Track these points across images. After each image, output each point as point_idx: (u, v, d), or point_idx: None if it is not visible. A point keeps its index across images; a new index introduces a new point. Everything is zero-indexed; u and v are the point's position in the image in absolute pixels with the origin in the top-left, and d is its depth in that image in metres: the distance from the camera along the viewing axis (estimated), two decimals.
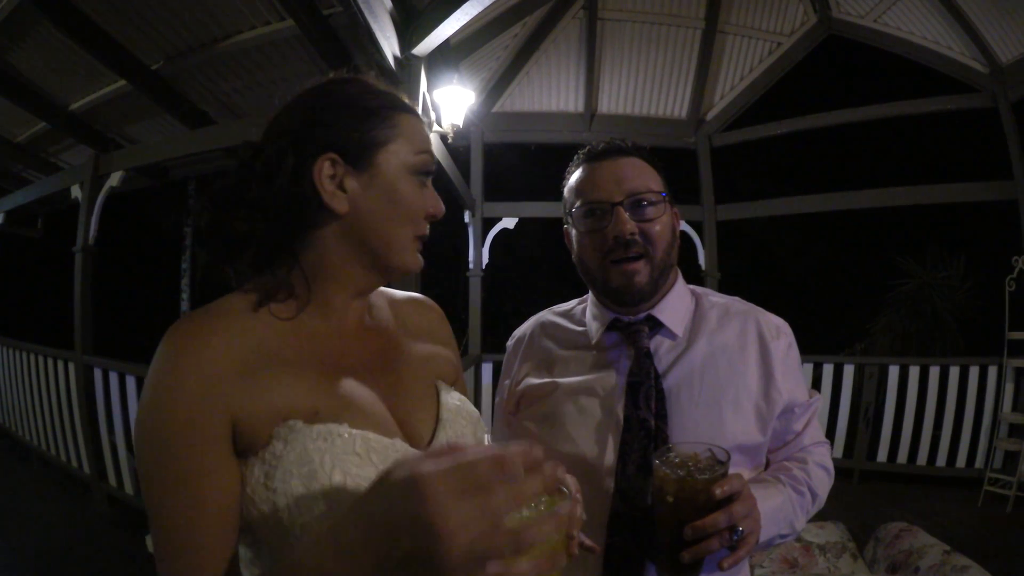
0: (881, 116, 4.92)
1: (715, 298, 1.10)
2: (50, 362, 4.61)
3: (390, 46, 3.15)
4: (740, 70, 5.22)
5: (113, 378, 3.94)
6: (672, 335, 1.02)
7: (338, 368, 0.69)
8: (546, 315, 1.19)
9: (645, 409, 0.94)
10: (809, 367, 4.60)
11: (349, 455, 0.61)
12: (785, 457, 1.03)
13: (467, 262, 5.41)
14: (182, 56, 4.02)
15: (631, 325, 1.03)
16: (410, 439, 0.71)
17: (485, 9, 4.19)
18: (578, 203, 1.02)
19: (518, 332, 1.20)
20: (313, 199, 0.67)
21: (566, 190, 1.07)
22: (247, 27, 3.74)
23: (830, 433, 4.48)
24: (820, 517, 2.24)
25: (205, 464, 0.58)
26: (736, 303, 1.09)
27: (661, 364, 1.00)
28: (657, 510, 0.78)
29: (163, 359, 0.60)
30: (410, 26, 3.24)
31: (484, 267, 5.40)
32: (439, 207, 0.75)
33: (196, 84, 4.36)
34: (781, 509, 0.91)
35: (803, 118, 5.18)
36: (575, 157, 1.08)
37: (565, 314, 1.16)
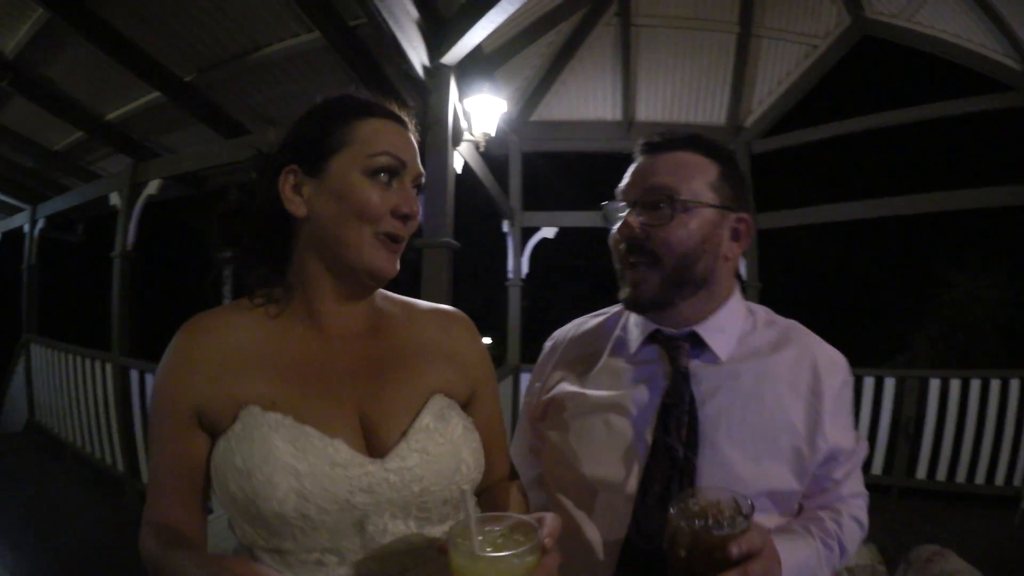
0: (918, 119, 4.75)
1: (772, 320, 0.99)
2: (88, 362, 4.76)
3: (418, 55, 3.17)
4: (777, 74, 5.12)
5: (149, 379, 4.05)
6: (714, 358, 0.93)
7: (312, 369, 0.75)
8: (586, 320, 1.12)
9: (675, 436, 0.86)
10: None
11: (286, 444, 0.69)
12: (819, 505, 0.93)
13: (506, 271, 5.46)
14: (214, 68, 4.11)
15: (671, 340, 0.94)
16: (372, 445, 0.75)
17: (513, 17, 4.21)
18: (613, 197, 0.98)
19: (556, 335, 1.14)
20: (281, 209, 0.75)
21: None
22: (276, 39, 3.81)
23: (870, 448, 4.34)
24: None
25: (173, 434, 0.74)
26: (794, 329, 0.98)
27: (700, 388, 0.90)
28: (669, 561, 0.72)
29: (166, 353, 0.75)
30: (438, 35, 3.26)
31: (524, 276, 5.43)
32: (405, 205, 0.75)
33: (229, 95, 4.46)
34: (806, 564, 0.83)
35: (842, 123, 5.04)
36: None
37: (607, 320, 1.08)
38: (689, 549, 0.69)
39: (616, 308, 1.09)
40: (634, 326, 1.00)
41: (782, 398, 0.89)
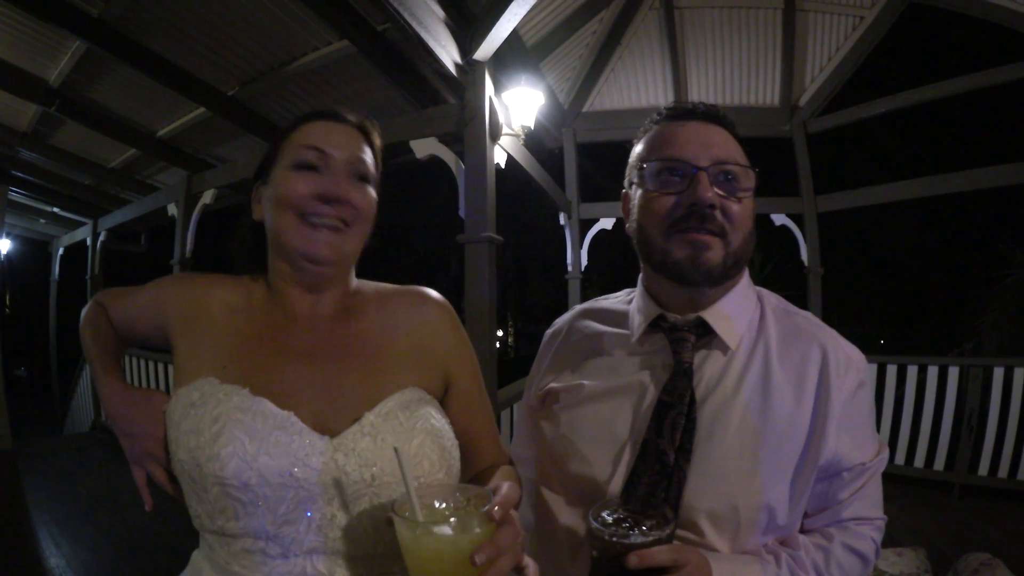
0: (976, 86, 4.42)
1: (784, 308, 0.90)
2: (149, 364, 5.03)
3: (448, 54, 3.17)
4: (827, 50, 4.90)
5: None
6: (724, 348, 0.84)
7: (271, 345, 0.79)
8: (589, 306, 1.04)
9: (668, 439, 0.79)
10: (914, 370, 4.23)
11: (238, 410, 0.70)
12: (810, 527, 0.83)
13: (566, 265, 5.44)
14: (254, 81, 4.22)
15: (675, 328, 0.85)
16: (321, 427, 0.73)
17: (552, 8, 4.15)
18: (652, 160, 0.86)
19: (557, 323, 1.07)
20: (253, 219, 0.86)
21: (635, 149, 0.92)
22: (310, 49, 3.88)
23: (932, 442, 4.10)
24: (903, 542, 2.01)
25: (144, 306, 0.92)
26: (805, 320, 0.88)
27: (702, 386, 0.82)
28: (591, 562, 0.71)
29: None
30: (467, 32, 3.25)
31: (583, 269, 5.40)
32: (327, 189, 0.78)
33: (273, 105, 4.58)
34: None
35: (895, 96, 4.79)
36: (649, 118, 0.93)
37: (609, 306, 1.00)
38: (600, 551, 0.68)
39: (621, 294, 1.02)
40: (637, 311, 0.91)
41: (786, 401, 0.80)
